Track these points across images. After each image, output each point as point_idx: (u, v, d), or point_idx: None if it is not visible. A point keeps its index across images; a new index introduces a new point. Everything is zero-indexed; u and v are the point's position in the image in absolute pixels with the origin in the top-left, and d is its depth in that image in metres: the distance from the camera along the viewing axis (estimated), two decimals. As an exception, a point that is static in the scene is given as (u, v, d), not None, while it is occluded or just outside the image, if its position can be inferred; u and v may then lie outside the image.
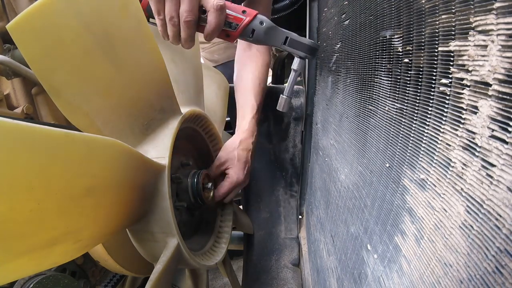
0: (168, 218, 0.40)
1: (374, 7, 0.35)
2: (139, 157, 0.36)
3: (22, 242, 0.25)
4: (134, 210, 0.38)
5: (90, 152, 0.29)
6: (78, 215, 0.29)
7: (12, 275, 0.28)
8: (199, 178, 0.52)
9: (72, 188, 0.27)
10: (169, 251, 0.40)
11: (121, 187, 0.34)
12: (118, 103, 0.40)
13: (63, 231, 0.28)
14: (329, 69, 0.60)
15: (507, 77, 0.17)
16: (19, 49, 0.33)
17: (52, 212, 0.26)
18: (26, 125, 0.23)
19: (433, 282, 0.23)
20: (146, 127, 0.44)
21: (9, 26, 0.32)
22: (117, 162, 0.33)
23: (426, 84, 0.25)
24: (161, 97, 0.44)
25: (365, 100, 0.39)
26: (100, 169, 0.30)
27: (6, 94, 0.68)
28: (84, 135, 0.29)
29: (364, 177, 0.38)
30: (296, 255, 0.83)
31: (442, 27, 0.23)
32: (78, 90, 0.37)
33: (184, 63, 0.55)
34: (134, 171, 0.35)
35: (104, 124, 0.40)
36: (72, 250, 0.31)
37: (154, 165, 0.39)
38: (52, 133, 0.25)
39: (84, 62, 0.36)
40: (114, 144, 0.32)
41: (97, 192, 0.30)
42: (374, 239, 0.34)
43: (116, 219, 0.35)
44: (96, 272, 0.65)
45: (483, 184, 0.19)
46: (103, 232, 0.35)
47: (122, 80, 0.40)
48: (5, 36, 0.67)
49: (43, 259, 0.28)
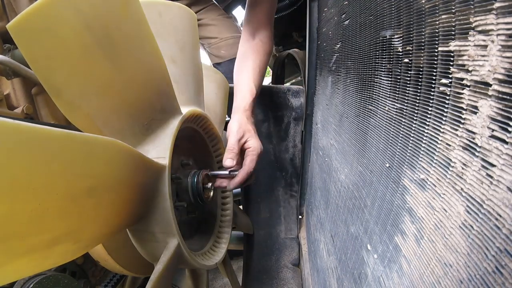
0: (168, 218, 0.40)
1: (374, 7, 0.35)
2: (139, 157, 0.36)
3: (23, 243, 0.25)
4: (135, 210, 0.38)
5: (91, 152, 0.29)
6: (79, 215, 0.29)
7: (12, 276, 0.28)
8: (199, 178, 0.52)
9: (73, 188, 0.27)
10: (170, 251, 0.40)
11: (121, 187, 0.34)
12: (119, 103, 0.40)
13: (64, 232, 0.28)
14: (329, 69, 0.60)
15: (507, 77, 0.17)
16: (20, 49, 0.33)
17: (53, 212, 0.26)
18: (27, 125, 0.23)
19: (433, 282, 0.23)
20: (147, 127, 0.44)
21: (10, 25, 0.32)
22: (117, 162, 0.33)
23: (426, 84, 0.25)
24: (161, 97, 0.44)
25: (365, 100, 0.39)
26: (101, 169, 0.30)
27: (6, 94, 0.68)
28: (84, 135, 0.29)
29: (364, 177, 0.38)
30: (296, 255, 0.83)
31: (442, 27, 0.23)
32: (78, 90, 0.37)
33: (184, 63, 0.55)
34: (134, 171, 0.35)
35: (104, 124, 0.40)
36: (72, 250, 0.31)
37: (154, 165, 0.39)
38: (52, 133, 0.25)
39: (84, 62, 0.36)
40: (114, 144, 0.32)
41: (98, 192, 0.30)
42: (374, 239, 0.34)
43: (117, 219, 0.35)
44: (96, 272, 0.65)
45: (483, 184, 0.19)
46: (103, 232, 0.35)
47: (123, 80, 0.40)
48: (5, 36, 0.67)
49: (43, 259, 0.28)
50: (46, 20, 0.33)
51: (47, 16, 0.33)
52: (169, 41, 0.52)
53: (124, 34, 0.38)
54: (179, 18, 0.55)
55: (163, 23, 0.54)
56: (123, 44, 0.38)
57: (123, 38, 0.38)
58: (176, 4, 0.55)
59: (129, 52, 0.39)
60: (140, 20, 0.39)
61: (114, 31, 0.37)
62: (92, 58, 0.36)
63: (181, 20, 0.56)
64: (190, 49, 0.56)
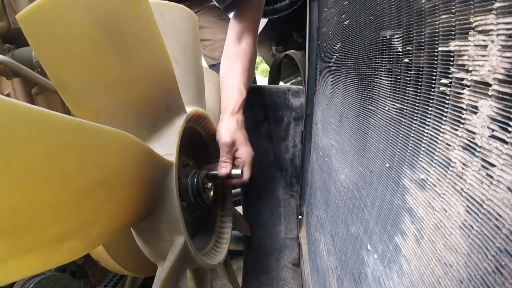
0: (175, 215, 0.39)
1: (374, 7, 0.35)
2: (148, 151, 0.36)
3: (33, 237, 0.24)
4: (142, 206, 0.37)
5: (104, 143, 0.28)
6: (89, 209, 0.28)
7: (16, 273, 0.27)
8: (199, 178, 0.52)
9: (86, 179, 0.26)
10: (177, 248, 0.39)
11: (131, 181, 0.33)
12: (125, 100, 0.40)
13: (74, 226, 0.27)
14: (329, 69, 0.60)
15: (507, 77, 0.17)
16: (28, 40, 0.32)
17: (65, 204, 0.25)
18: (42, 110, 0.22)
19: (433, 282, 0.23)
20: (152, 125, 0.44)
21: (19, 16, 0.31)
22: (128, 154, 0.32)
23: (426, 84, 0.25)
24: (167, 96, 0.44)
25: (365, 100, 0.39)
26: (112, 161, 0.30)
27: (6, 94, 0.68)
28: (97, 125, 0.28)
29: (364, 177, 0.38)
30: (296, 255, 0.83)
31: (442, 27, 0.23)
32: (85, 85, 0.37)
33: (185, 64, 0.55)
34: (144, 165, 0.35)
35: (110, 120, 0.40)
36: (79, 247, 0.30)
37: (162, 161, 0.39)
38: (66, 120, 0.24)
39: (92, 57, 0.36)
40: (125, 136, 0.31)
41: (109, 185, 0.29)
42: (374, 239, 0.34)
43: (125, 215, 0.34)
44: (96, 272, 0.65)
45: (483, 184, 0.19)
46: (111, 228, 0.34)
47: (130, 77, 0.39)
48: (5, 36, 0.67)
49: (50, 256, 0.27)
50: (56, 12, 0.32)
51: (58, 8, 0.32)
52: (170, 41, 0.53)
53: (133, 32, 0.38)
54: (180, 19, 0.55)
55: (165, 23, 0.54)
56: (132, 41, 0.38)
57: (133, 35, 0.38)
58: (177, 5, 0.55)
59: (138, 49, 0.39)
60: (149, 19, 0.39)
61: (124, 28, 0.37)
62: (101, 53, 0.36)
63: (183, 21, 0.56)
64: (191, 50, 0.56)
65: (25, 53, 0.65)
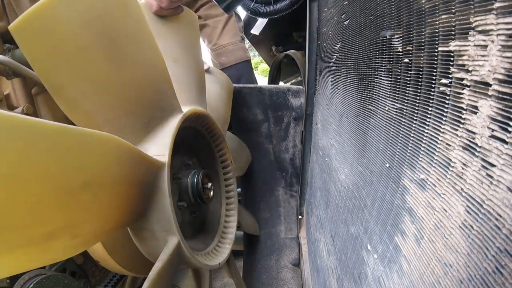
0: (168, 216, 0.40)
1: (374, 7, 0.35)
2: (137, 153, 0.36)
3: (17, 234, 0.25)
4: (134, 207, 0.38)
5: (86, 145, 0.29)
6: (74, 209, 0.29)
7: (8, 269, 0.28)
8: (199, 178, 0.52)
9: (68, 181, 0.27)
10: (169, 249, 0.39)
11: (118, 182, 0.34)
12: (118, 101, 0.41)
13: (60, 225, 0.28)
14: (329, 69, 0.60)
15: (507, 77, 0.17)
16: (21, 49, 0.34)
17: (48, 204, 0.26)
18: (21, 117, 0.24)
19: (433, 282, 0.23)
20: (146, 125, 0.44)
21: (11, 27, 0.33)
22: (113, 157, 0.33)
23: (426, 84, 0.25)
24: (160, 96, 0.44)
25: (365, 100, 0.39)
26: (95, 163, 0.31)
27: (6, 94, 0.68)
28: (80, 128, 0.30)
29: (364, 177, 0.38)
30: (296, 255, 0.83)
31: (442, 27, 0.23)
32: (78, 88, 0.38)
33: (185, 63, 0.55)
34: (132, 167, 0.35)
35: (104, 122, 0.40)
36: (71, 246, 0.31)
37: (153, 162, 0.39)
38: (48, 125, 0.25)
39: (84, 61, 0.37)
40: (110, 139, 0.32)
41: (93, 187, 0.30)
42: (374, 239, 0.34)
43: (115, 216, 0.35)
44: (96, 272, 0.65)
45: (483, 184, 0.19)
46: (102, 229, 0.34)
47: (122, 79, 0.40)
48: (5, 36, 0.67)
49: (41, 253, 0.28)
50: (47, 21, 0.34)
51: (47, 17, 0.34)
52: (171, 41, 0.53)
53: (122, 34, 0.39)
54: (180, 18, 0.55)
55: (165, 23, 0.54)
56: (122, 43, 0.39)
57: (122, 37, 0.39)
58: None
59: (128, 51, 0.40)
60: (138, 20, 0.39)
61: (112, 31, 0.38)
62: (91, 58, 0.37)
63: (182, 20, 0.56)
64: (191, 49, 0.57)
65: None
